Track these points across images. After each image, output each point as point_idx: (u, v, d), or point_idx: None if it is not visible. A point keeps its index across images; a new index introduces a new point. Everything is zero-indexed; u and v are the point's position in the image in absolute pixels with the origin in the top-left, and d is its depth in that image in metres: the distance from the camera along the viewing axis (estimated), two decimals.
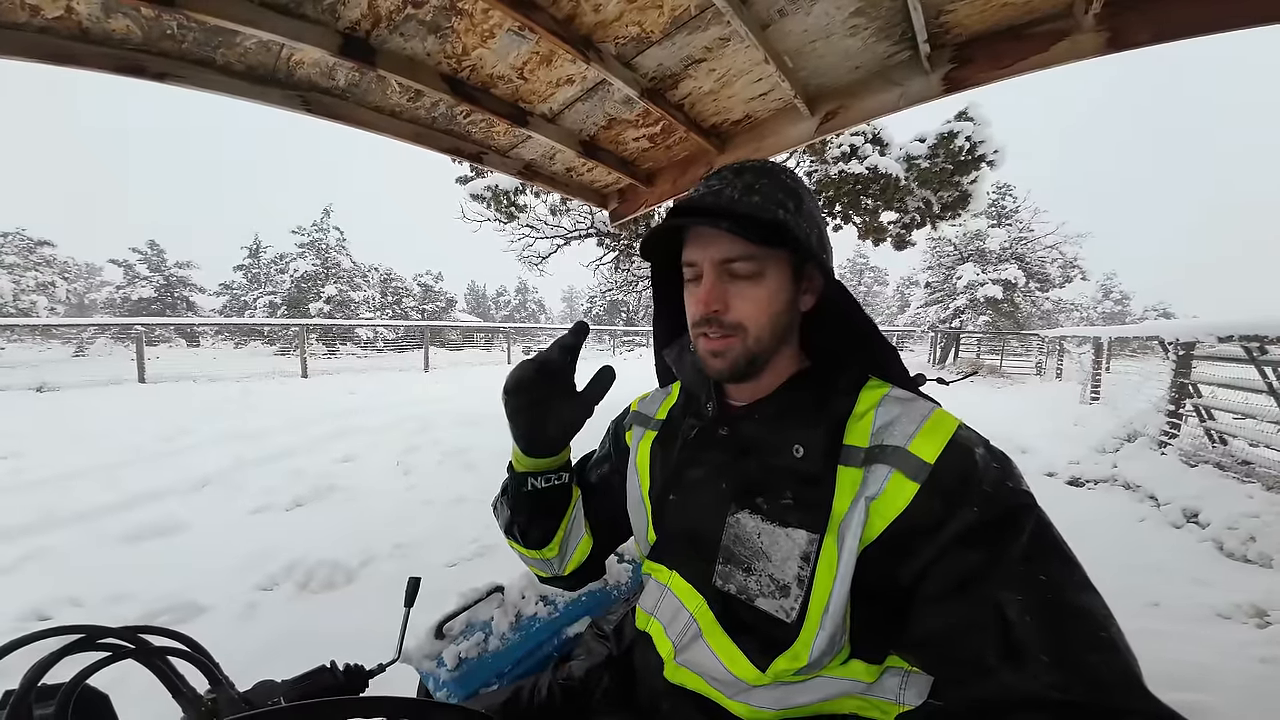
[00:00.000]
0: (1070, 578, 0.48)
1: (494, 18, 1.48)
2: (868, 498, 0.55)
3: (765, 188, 0.62)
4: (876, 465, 0.56)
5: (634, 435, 0.83)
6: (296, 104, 1.83)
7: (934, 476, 0.52)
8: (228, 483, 3.68)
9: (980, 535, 0.49)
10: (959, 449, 0.54)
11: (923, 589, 0.51)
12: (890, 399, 0.61)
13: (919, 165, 5.06)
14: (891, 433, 0.57)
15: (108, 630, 0.52)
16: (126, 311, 21.71)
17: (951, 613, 0.49)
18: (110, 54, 1.48)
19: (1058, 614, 0.45)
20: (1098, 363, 8.11)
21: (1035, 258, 17.93)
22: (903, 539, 0.53)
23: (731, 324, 0.61)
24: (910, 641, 0.53)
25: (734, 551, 0.60)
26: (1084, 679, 0.42)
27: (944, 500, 0.51)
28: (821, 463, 0.57)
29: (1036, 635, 0.44)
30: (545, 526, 0.77)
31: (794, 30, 1.62)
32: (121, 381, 8.16)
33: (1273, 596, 2.07)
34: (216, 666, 0.57)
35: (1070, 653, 0.43)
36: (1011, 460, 0.55)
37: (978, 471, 0.52)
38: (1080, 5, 1.43)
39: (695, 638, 0.63)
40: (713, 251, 0.62)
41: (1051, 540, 0.50)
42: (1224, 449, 3.79)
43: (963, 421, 0.57)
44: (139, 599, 2.05)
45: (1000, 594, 0.47)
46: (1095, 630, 0.45)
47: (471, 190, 6.06)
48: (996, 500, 0.51)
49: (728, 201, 0.61)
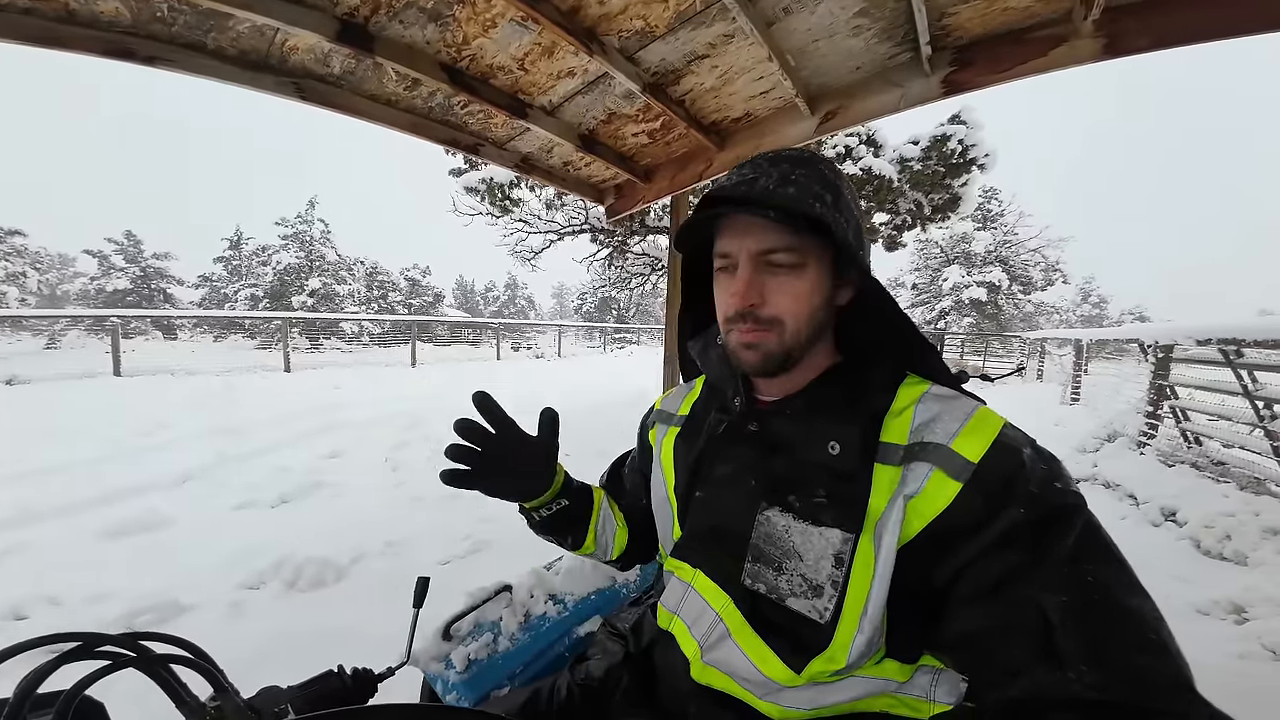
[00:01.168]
0: (1119, 579, 0.46)
1: (497, 7, 1.46)
2: (906, 495, 0.53)
3: (802, 178, 0.59)
4: (916, 463, 0.54)
5: (657, 434, 0.82)
6: (289, 90, 1.78)
7: (978, 476, 0.51)
8: (210, 478, 3.59)
9: (1025, 535, 0.48)
10: (1005, 448, 0.52)
11: (962, 589, 0.50)
12: (931, 396, 0.59)
13: (912, 167, 5.12)
14: (933, 430, 0.55)
15: (107, 637, 0.50)
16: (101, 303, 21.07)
17: (992, 613, 0.48)
18: (98, 36, 1.43)
19: (1104, 615, 0.44)
20: (1078, 364, 8.30)
21: (1019, 261, 18.30)
22: (943, 539, 0.52)
23: (768, 318, 0.59)
24: (947, 642, 0.52)
25: (764, 550, 0.59)
26: (1128, 680, 0.41)
27: (987, 500, 0.50)
28: (858, 460, 0.56)
29: (1080, 636, 0.43)
30: (574, 534, 0.81)
31: (798, 29, 1.62)
32: (96, 375, 7.91)
33: (1249, 593, 2.12)
34: (221, 673, 0.55)
35: (1115, 654, 0.42)
36: (1059, 460, 0.54)
37: (1024, 471, 0.51)
38: (1079, 11, 1.44)
39: (723, 637, 0.62)
40: (750, 242, 0.59)
41: (1101, 541, 0.48)
42: (1199, 449, 3.90)
43: (1008, 420, 0.56)
44: (120, 597, 1.99)
45: (1043, 595, 0.45)
46: (1144, 632, 0.43)
47: (465, 183, 5.98)
48: (1043, 500, 0.49)
49: (762, 191, 0.58)
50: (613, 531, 0.85)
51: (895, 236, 5.70)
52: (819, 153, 0.67)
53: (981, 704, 0.51)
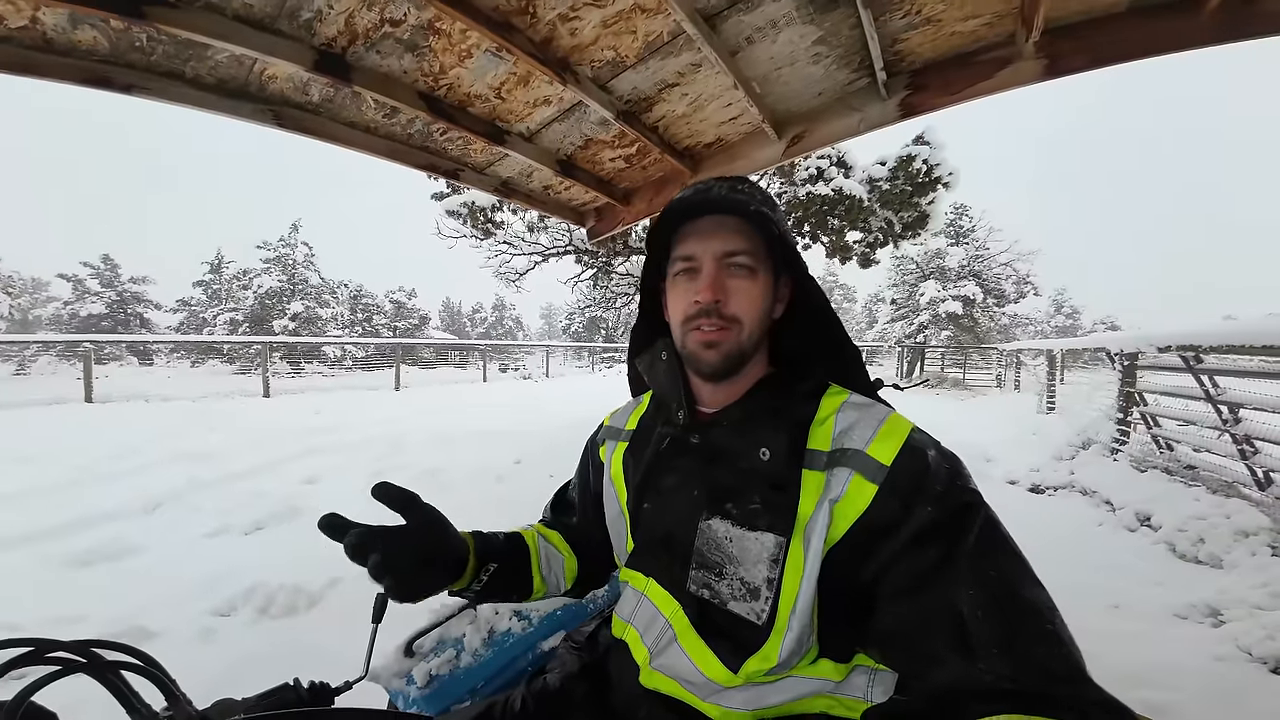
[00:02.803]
0: (1017, 572, 0.51)
1: (471, 38, 1.52)
2: (831, 500, 0.57)
3: (747, 190, 0.66)
4: (838, 468, 0.58)
5: (606, 450, 0.84)
6: (268, 118, 1.81)
7: (891, 477, 0.55)
8: (182, 505, 3.49)
9: (934, 533, 0.52)
10: (913, 451, 0.57)
11: (883, 587, 0.53)
12: (849, 404, 0.64)
13: (880, 187, 5.30)
14: (851, 437, 0.59)
15: (58, 643, 0.50)
16: (74, 328, 20.56)
17: (910, 609, 0.51)
18: (75, 65, 1.45)
19: (1007, 608, 0.48)
20: (1052, 374, 8.51)
21: (992, 274, 18.85)
22: (864, 539, 0.55)
23: (730, 316, 0.64)
24: (873, 638, 0.55)
25: (706, 556, 0.62)
26: (1033, 669, 0.45)
27: (901, 500, 0.54)
28: (786, 465, 0.59)
29: (988, 629, 0.47)
30: (519, 589, 0.79)
31: (761, 57, 1.71)
32: (66, 401, 7.69)
33: (1224, 596, 2.17)
34: (173, 683, 0.55)
35: (1019, 645, 0.46)
36: (960, 460, 0.58)
37: (930, 471, 0.55)
38: (1021, 33, 1.54)
39: (670, 642, 0.64)
40: (715, 245, 0.64)
41: (999, 536, 0.53)
42: (1170, 454, 4.01)
43: (915, 424, 0.60)
44: (85, 623, 1.94)
45: (953, 590, 0.49)
46: (1042, 623, 0.47)
47: (447, 206, 6.03)
48: (948, 498, 0.53)
49: (716, 198, 0.64)
50: (560, 564, 0.84)
51: (868, 254, 5.87)
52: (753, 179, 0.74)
53: (909, 696, 0.54)
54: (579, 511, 0.89)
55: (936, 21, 1.59)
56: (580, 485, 0.89)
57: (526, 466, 4.59)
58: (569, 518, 0.90)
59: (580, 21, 1.48)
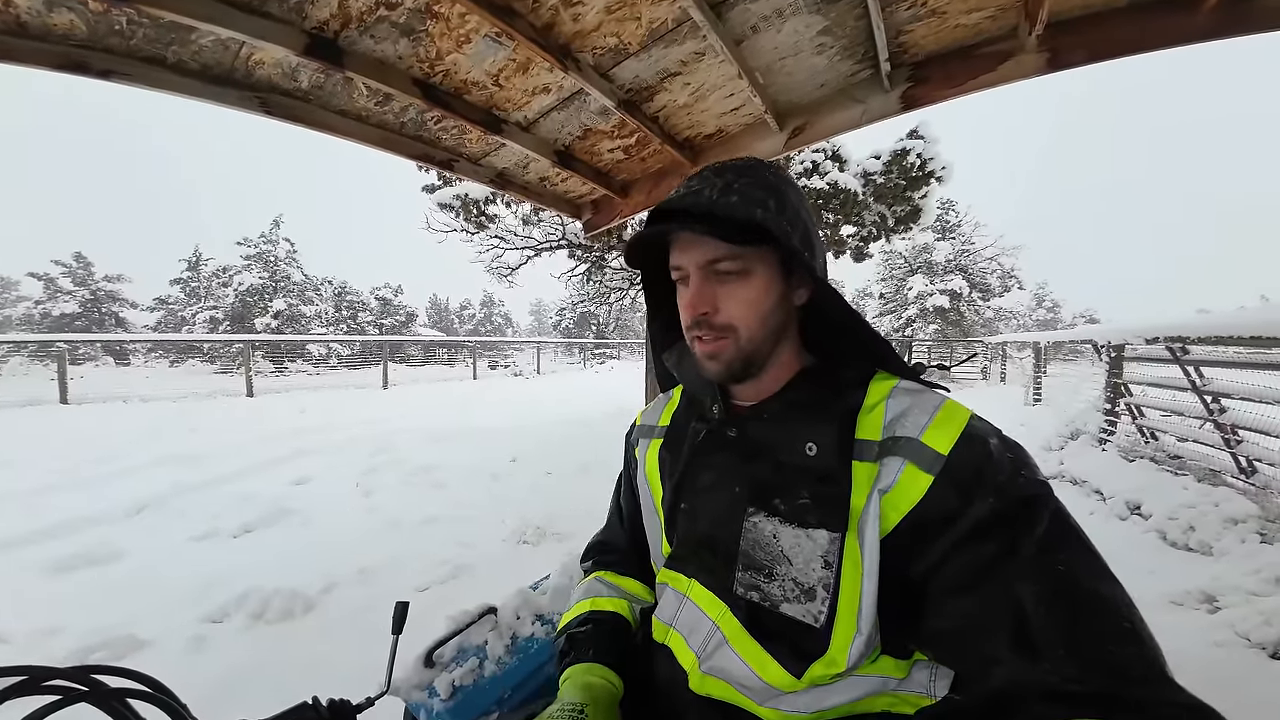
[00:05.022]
0: (1089, 566, 0.47)
1: (471, 22, 1.46)
2: (881, 490, 0.54)
3: (744, 186, 0.60)
4: (890, 458, 0.55)
5: (640, 449, 0.81)
6: (254, 105, 1.74)
7: (948, 468, 0.52)
8: (167, 508, 3.40)
9: (996, 526, 0.49)
10: (973, 439, 0.53)
11: (940, 582, 0.51)
12: (900, 390, 0.60)
13: (875, 181, 5.32)
14: (904, 424, 0.56)
15: (55, 671, 0.46)
16: (47, 328, 19.92)
17: (968, 605, 0.48)
18: (50, 50, 1.38)
19: (1076, 604, 0.45)
20: (1038, 366, 8.67)
21: (977, 269, 19.15)
22: (918, 531, 0.52)
23: (722, 325, 0.61)
24: (928, 635, 0.52)
25: (754, 557, 0.59)
26: (1103, 670, 0.42)
27: (959, 492, 0.51)
28: (836, 459, 0.57)
29: (1054, 626, 0.44)
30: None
31: (765, 47, 1.68)
32: (40, 403, 7.44)
33: (1218, 583, 2.20)
34: (184, 708, 0.51)
35: (1089, 643, 0.43)
36: (1025, 449, 0.55)
37: (992, 462, 0.52)
38: (1024, 27, 1.54)
39: (720, 645, 0.61)
40: (696, 254, 0.61)
41: (1069, 529, 0.49)
42: (1156, 444, 4.10)
43: (974, 411, 0.57)
44: (71, 632, 1.87)
45: (1017, 585, 0.46)
46: (1117, 620, 0.44)
47: (439, 199, 5.92)
48: (1011, 490, 0.50)
49: (706, 202, 0.59)
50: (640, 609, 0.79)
51: (862, 248, 5.90)
52: (764, 160, 0.69)
53: (966, 696, 0.52)
54: (629, 513, 0.85)
55: (941, 14, 1.58)
56: (627, 488, 0.86)
57: (522, 464, 4.54)
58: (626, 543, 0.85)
59: (583, 7, 1.43)
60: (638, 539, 0.82)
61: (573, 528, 2.97)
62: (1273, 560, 2.31)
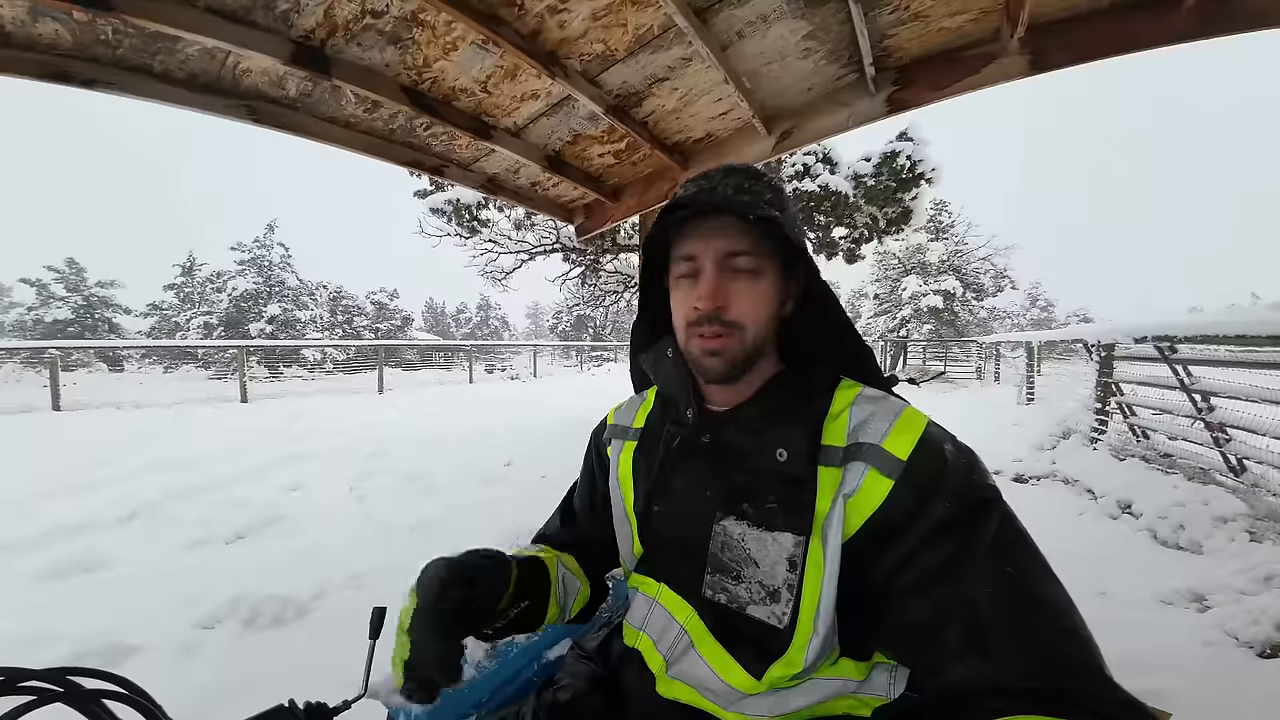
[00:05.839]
0: (1034, 568, 0.50)
1: (457, 30, 1.47)
2: (845, 495, 0.56)
3: (755, 188, 0.62)
4: (853, 463, 0.56)
5: (614, 450, 0.81)
6: (241, 113, 1.75)
7: (907, 472, 0.54)
8: (159, 515, 3.37)
9: (951, 529, 0.51)
10: (930, 445, 0.55)
11: (898, 583, 0.52)
12: (863, 398, 0.62)
13: (865, 183, 5.36)
14: (866, 430, 0.58)
15: (30, 672, 0.46)
16: (39, 335, 19.79)
17: (925, 605, 0.50)
18: (34, 59, 1.38)
19: (1023, 605, 0.47)
20: (1030, 366, 8.71)
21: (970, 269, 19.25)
22: (879, 535, 0.54)
23: (732, 321, 0.61)
24: (886, 635, 0.54)
25: (722, 559, 0.60)
26: (1050, 667, 0.44)
27: (917, 495, 0.53)
28: (804, 464, 0.58)
29: (1004, 626, 0.46)
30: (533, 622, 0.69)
31: (751, 52, 1.69)
32: (33, 410, 7.38)
33: (1207, 581, 2.20)
34: (159, 709, 0.51)
35: (1036, 642, 0.45)
36: (977, 455, 0.57)
37: (948, 466, 0.54)
38: (1006, 30, 1.56)
39: (687, 649, 0.62)
40: (717, 244, 0.61)
41: (1016, 532, 0.52)
42: (1147, 443, 4.12)
43: (931, 418, 0.59)
44: (60, 639, 1.85)
45: (970, 586, 0.48)
46: (1059, 620, 0.47)
47: (431, 204, 5.92)
48: (965, 494, 0.52)
49: (723, 197, 0.60)
50: (575, 592, 0.76)
51: (854, 249, 5.93)
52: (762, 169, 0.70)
53: (923, 693, 0.53)
54: (586, 515, 0.84)
55: (924, 17, 1.60)
56: (587, 487, 0.86)
57: (517, 469, 4.53)
58: (576, 530, 0.85)
59: (569, 14, 1.45)
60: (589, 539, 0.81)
61: None
62: (1262, 559, 2.32)
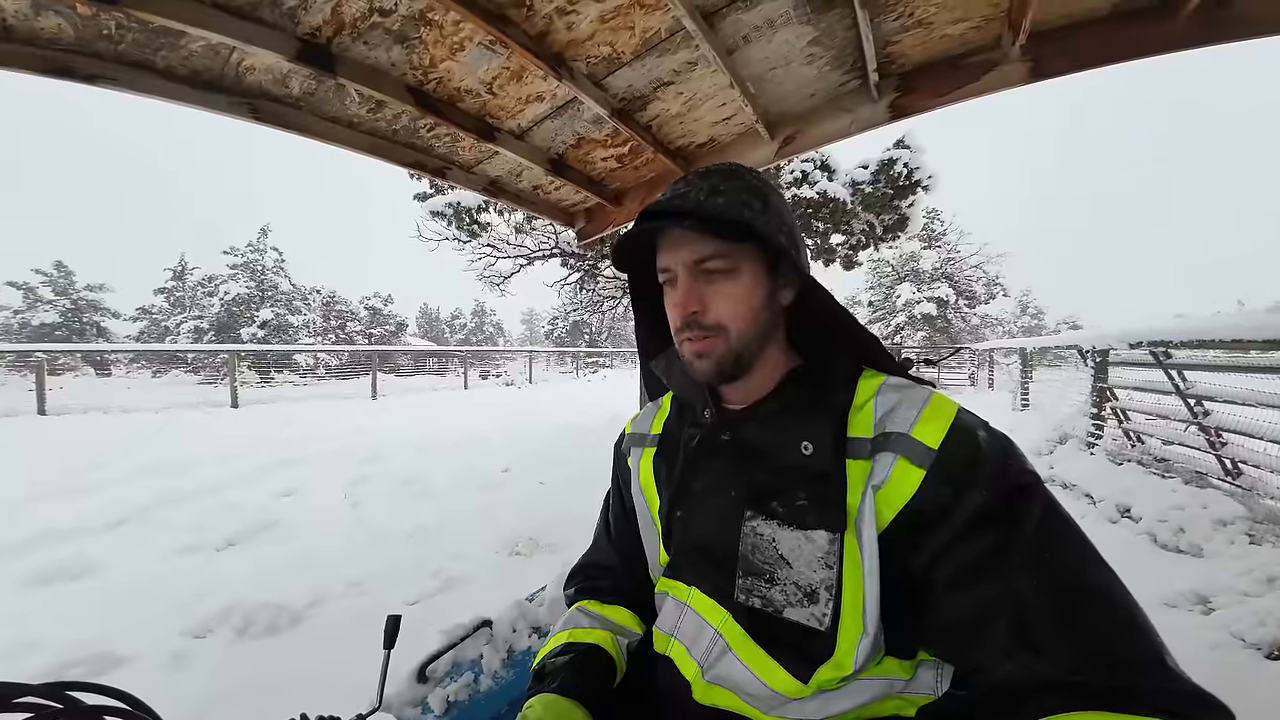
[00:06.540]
0: (1082, 557, 0.48)
1: (465, 30, 1.47)
2: (874, 487, 0.54)
3: (730, 189, 0.61)
4: (882, 454, 0.55)
5: (633, 458, 0.80)
6: (244, 111, 1.73)
7: (939, 461, 0.52)
8: (149, 520, 3.31)
9: (990, 519, 0.49)
10: (962, 432, 0.53)
11: (937, 577, 0.50)
12: (888, 386, 0.60)
13: (863, 190, 5.40)
14: (894, 420, 0.56)
15: (28, 687, 0.44)
16: (25, 338, 19.49)
17: (968, 599, 0.48)
18: (36, 54, 1.36)
19: (1073, 596, 0.45)
20: (1025, 372, 8.78)
21: (963, 277, 19.47)
22: (913, 526, 0.52)
23: (711, 324, 0.60)
24: (928, 632, 0.52)
25: (753, 562, 0.58)
26: (1103, 661, 0.42)
27: (952, 485, 0.51)
28: (831, 457, 0.56)
29: (1053, 618, 0.44)
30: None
31: (756, 57, 1.70)
32: (17, 414, 7.25)
33: (1210, 584, 2.22)
34: None
35: (1088, 635, 0.43)
36: (1013, 441, 0.55)
37: (982, 453, 0.52)
38: (1008, 37, 1.57)
39: (724, 653, 0.60)
40: (684, 253, 0.61)
41: (1060, 520, 0.50)
42: (1143, 447, 4.15)
43: (961, 405, 0.57)
44: (47, 648, 1.81)
45: (1014, 578, 0.46)
46: (1113, 610, 0.44)
47: (431, 207, 5.89)
48: (1002, 482, 0.50)
49: (694, 203, 0.60)
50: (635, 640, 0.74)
51: (851, 256, 5.96)
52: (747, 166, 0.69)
53: (969, 690, 0.51)
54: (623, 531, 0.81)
55: (928, 24, 1.61)
56: (618, 502, 0.84)
57: (514, 474, 4.49)
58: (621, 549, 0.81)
59: (578, 16, 1.44)
60: (629, 556, 0.79)
61: (566, 538, 2.94)
62: (1263, 561, 2.34)
